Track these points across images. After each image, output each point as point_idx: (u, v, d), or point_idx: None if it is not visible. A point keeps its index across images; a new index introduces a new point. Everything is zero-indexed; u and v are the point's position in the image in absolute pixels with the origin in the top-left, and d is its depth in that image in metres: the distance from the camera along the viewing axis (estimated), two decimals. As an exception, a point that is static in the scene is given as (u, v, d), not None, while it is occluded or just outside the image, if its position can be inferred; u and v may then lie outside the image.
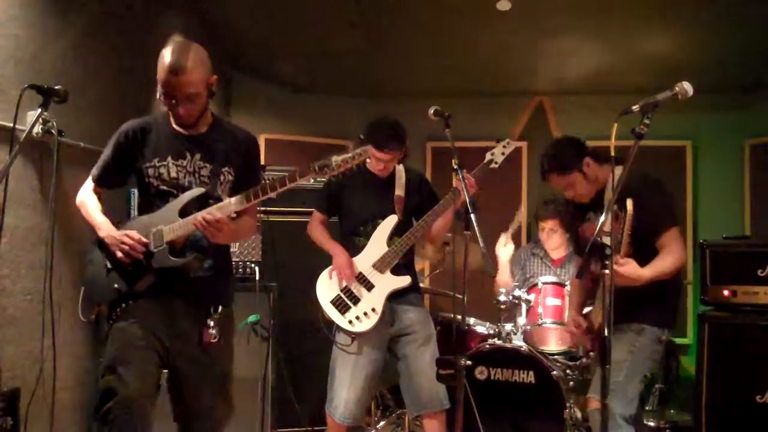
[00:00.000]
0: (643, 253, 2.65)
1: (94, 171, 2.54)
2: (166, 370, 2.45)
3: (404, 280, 3.08)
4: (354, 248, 3.12)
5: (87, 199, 2.52)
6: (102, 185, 2.55)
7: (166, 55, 2.28)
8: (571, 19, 4.39)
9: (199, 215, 2.31)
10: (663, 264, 2.67)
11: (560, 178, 2.90)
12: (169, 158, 2.42)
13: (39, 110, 2.29)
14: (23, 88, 2.25)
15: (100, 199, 2.53)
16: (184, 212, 2.36)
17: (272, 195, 2.35)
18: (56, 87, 2.29)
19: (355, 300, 3.03)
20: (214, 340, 2.42)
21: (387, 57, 5.03)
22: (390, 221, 3.11)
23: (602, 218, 2.19)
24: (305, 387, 3.73)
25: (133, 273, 2.38)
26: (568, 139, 3.01)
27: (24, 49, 2.77)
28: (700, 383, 3.26)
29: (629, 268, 2.48)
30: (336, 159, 2.27)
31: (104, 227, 2.42)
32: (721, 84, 4.85)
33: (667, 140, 5.11)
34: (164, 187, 2.43)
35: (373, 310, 3.00)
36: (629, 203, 2.29)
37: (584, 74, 5.13)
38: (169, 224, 2.36)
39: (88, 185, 2.55)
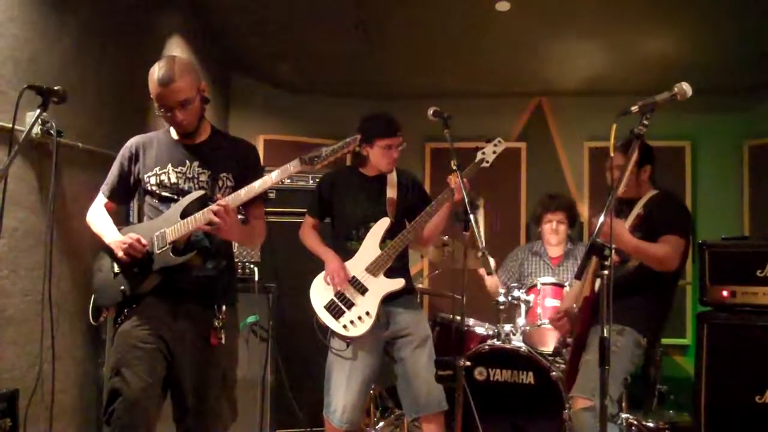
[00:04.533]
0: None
1: (104, 188, 2.65)
2: None
3: (398, 283, 3.06)
4: (346, 252, 3.10)
5: (94, 215, 2.62)
6: (113, 201, 2.66)
7: (154, 73, 2.39)
8: (570, 19, 4.39)
9: (213, 206, 2.34)
10: (651, 247, 2.75)
11: (625, 159, 2.80)
12: (170, 166, 2.53)
13: (38, 111, 2.29)
14: (22, 89, 2.25)
15: (111, 212, 2.64)
16: (185, 214, 2.43)
17: (266, 187, 2.41)
18: (55, 87, 2.29)
19: (349, 304, 3.01)
20: (220, 341, 2.46)
21: (386, 58, 5.03)
22: (382, 224, 3.09)
23: (601, 218, 2.18)
24: (304, 388, 3.72)
25: (138, 275, 2.45)
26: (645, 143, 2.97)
27: (23, 50, 2.77)
28: (699, 383, 3.26)
29: (617, 223, 2.50)
30: (326, 149, 2.36)
31: (109, 234, 2.52)
32: (720, 85, 4.85)
33: (667, 141, 5.12)
34: (166, 193, 2.52)
35: (368, 314, 2.98)
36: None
37: (583, 75, 5.13)
38: (171, 226, 2.42)
39: (99, 201, 2.65)
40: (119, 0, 3.56)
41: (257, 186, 2.40)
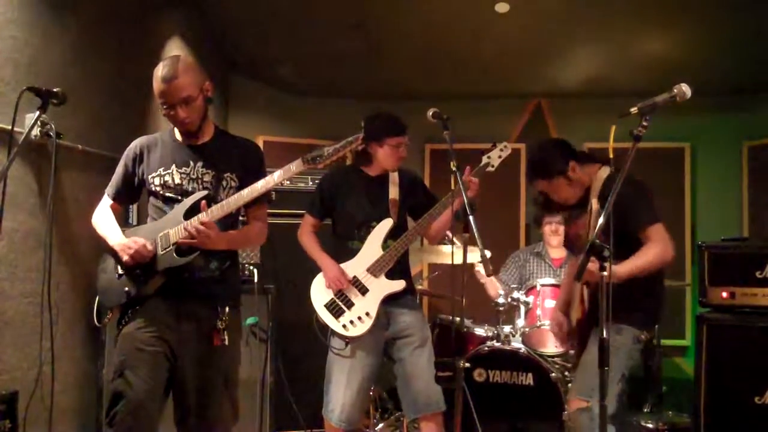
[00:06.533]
0: (627, 251, 2.65)
1: (109, 189, 2.66)
2: None
3: (398, 284, 3.05)
4: (348, 252, 3.09)
5: (100, 217, 2.62)
6: (119, 202, 2.67)
7: (158, 70, 2.41)
8: (570, 21, 4.40)
9: (188, 224, 2.37)
10: (642, 259, 2.66)
11: (544, 183, 2.91)
12: (174, 167, 2.53)
13: (37, 112, 2.29)
14: (21, 91, 2.25)
15: (117, 213, 2.65)
16: (188, 215, 2.43)
17: (269, 187, 2.43)
18: (54, 89, 2.29)
19: (350, 304, 3.01)
20: (222, 343, 2.46)
21: (386, 59, 5.04)
22: (385, 225, 3.09)
23: (601, 220, 2.18)
24: (304, 388, 3.72)
25: (142, 276, 2.46)
26: (554, 143, 3.01)
27: (22, 52, 2.77)
28: (699, 385, 3.25)
29: (596, 266, 2.46)
30: (328, 149, 2.36)
31: (114, 236, 2.52)
32: (719, 86, 4.86)
33: (666, 142, 5.13)
34: (170, 194, 2.52)
35: (367, 314, 2.98)
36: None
37: (583, 76, 5.14)
38: (175, 227, 2.43)
39: (105, 203, 2.65)
40: (119, 1, 3.56)
41: (260, 186, 2.40)
